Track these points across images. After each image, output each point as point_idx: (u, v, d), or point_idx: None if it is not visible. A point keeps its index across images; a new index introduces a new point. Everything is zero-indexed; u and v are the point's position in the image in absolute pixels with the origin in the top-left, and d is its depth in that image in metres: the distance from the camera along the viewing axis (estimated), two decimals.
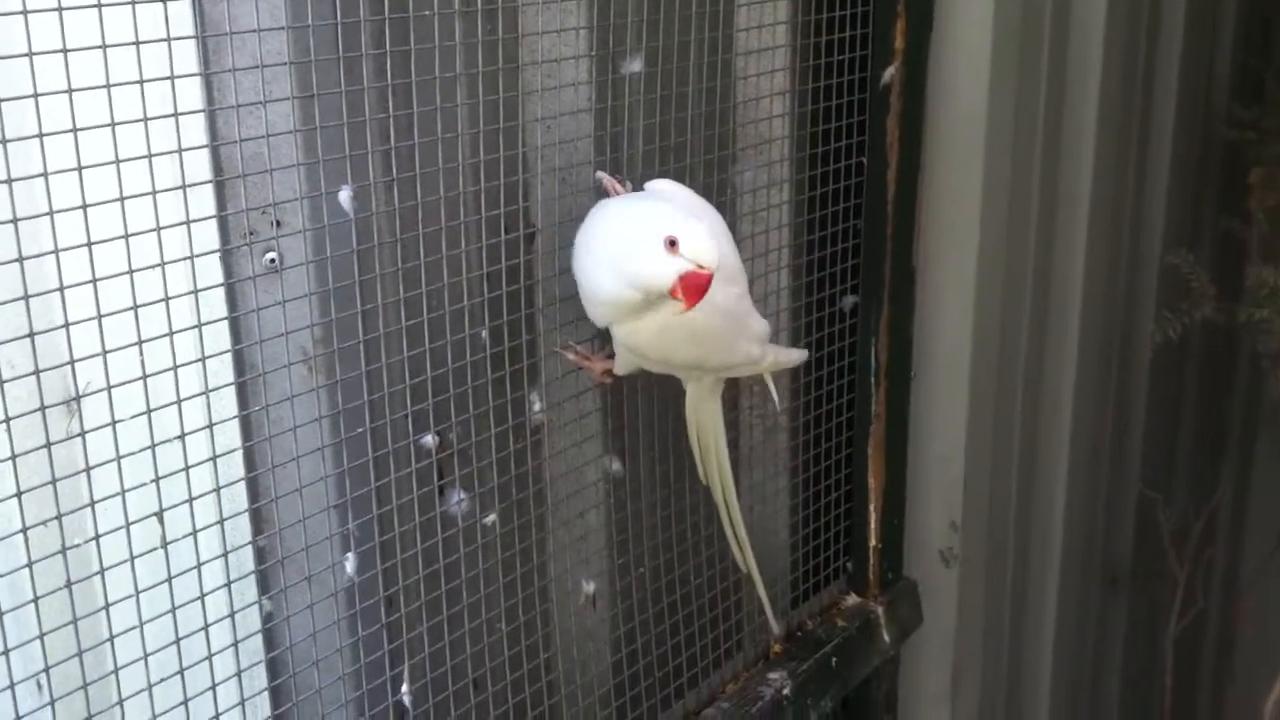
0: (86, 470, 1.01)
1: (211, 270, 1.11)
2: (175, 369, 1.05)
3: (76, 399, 1.01)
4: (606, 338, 1.44)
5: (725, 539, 1.64)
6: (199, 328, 1.08)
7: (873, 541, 1.96)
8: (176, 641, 1.09)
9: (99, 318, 0.99)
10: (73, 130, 0.96)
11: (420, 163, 1.23)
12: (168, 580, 1.07)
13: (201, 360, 1.08)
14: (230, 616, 1.15)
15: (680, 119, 1.52)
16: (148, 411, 1.04)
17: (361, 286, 1.20)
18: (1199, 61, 2.76)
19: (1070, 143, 2.31)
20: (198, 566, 1.10)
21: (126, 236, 1.00)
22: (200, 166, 1.09)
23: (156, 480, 1.05)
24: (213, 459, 1.11)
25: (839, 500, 1.94)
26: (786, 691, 1.73)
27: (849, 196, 1.82)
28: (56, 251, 0.97)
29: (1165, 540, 2.91)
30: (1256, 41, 2.94)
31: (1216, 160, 2.91)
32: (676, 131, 1.52)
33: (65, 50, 0.95)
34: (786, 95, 1.70)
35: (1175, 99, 2.66)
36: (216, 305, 1.12)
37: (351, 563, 1.24)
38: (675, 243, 1.21)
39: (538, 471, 1.45)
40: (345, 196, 1.18)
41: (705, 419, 1.54)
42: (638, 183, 1.45)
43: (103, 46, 0.97)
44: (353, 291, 1.20)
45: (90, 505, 1.01)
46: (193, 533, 1.09)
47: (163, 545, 1.07)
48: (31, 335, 0.96)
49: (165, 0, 1.01)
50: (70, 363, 0.99)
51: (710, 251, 1.22)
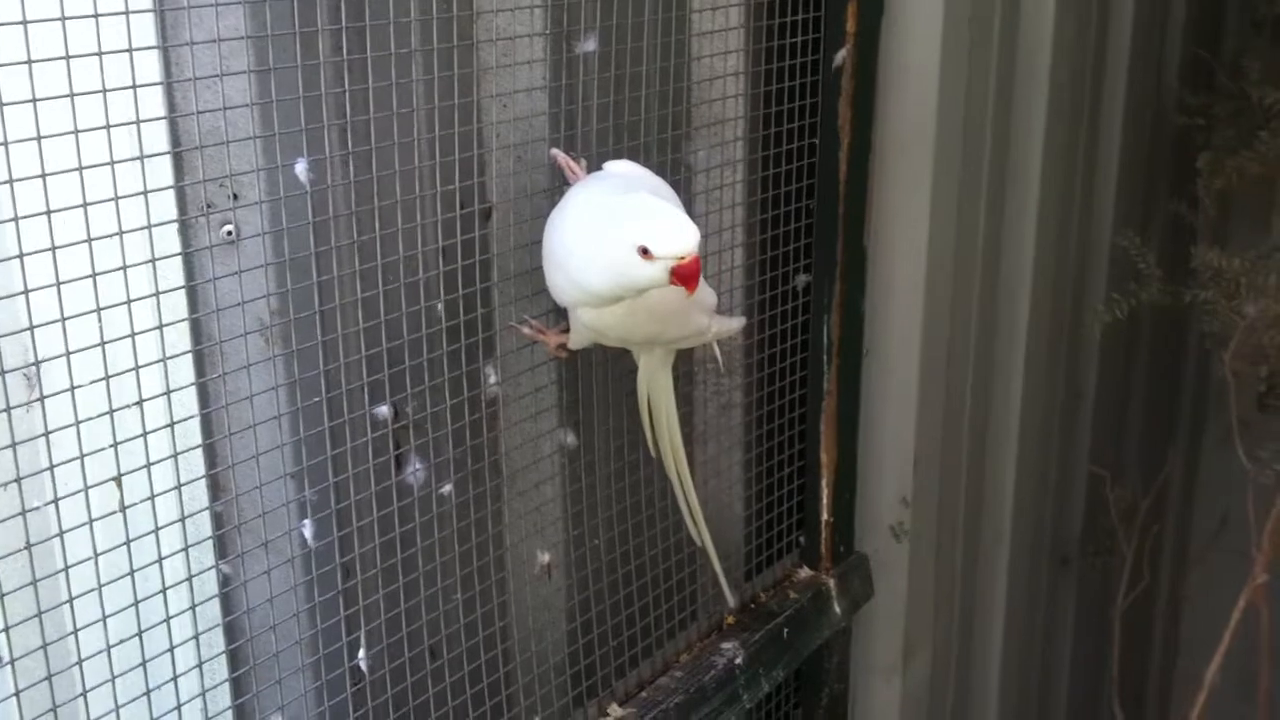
0: (46, 435, 1.03)
1: (169, 240, 1.13)
2: (133, 337, 1.07)
3: (35, 364, 1.02)
4: (561, 313, 1.47)
5: (680, 512, 1.67)
6: (156, 296, 1.10)
7: (825, 516, 2.00)
8: (135, 604, 1.11)
9: (58, 285, 1.01)
10: (32, 101, 0.98)
11: (376, 137, 1.25)
12: (126, 544, 1.10)
13: (159, 329, 1.11)
14: (188, 580, 1.17)
15: (635, 98, 1.55)
16: (106, 378, 1.05)
17: (318, 258, 1.23)
18: (1149, 48, 2.81)
19: (1021, 126, 2.35)
20: (156, 531, 1.12)
21: (85, 206, 1.02)
22: (158, 138, 1.11)
23: (115, 445, 1.07)
24: (170, 425, 1.13)
25: (792, 475, 1.98)
26: (739, 661, 1.76)
27: (802, 177, 1.85)
28: (16, 220, 0.99)
29: (1114, 517, 2.97)
30: (1206, 30, 2.99)
31: (1166, 145, 2.96)
32: (631, 110, 1.55)
33: (25, 22, 0.96)
34: (740, 76, 1.73)
35: (1125, 85, 2.70)
36: (174, 275, 1.14)
37: (309, 529, 1.26)
38: (647, 251, 1.23)
39: (493, 443, 1.48)
40: (301, 169, 1.20)
41: (657, 391, 1.57)
42: (593, 160, 1.47)
43: (62, 19, 0.99)
44: (309, 263, 1.22)
45: (50, 469, 1.03)
46: (151, 497, 1.11)
47: (121, 509, 1.09)
48: None
49: None
50: (30, 329, 1.01)
51: (680, 241, 1.23)
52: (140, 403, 1.08)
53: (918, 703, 2.37)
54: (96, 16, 1.01)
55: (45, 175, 0.99)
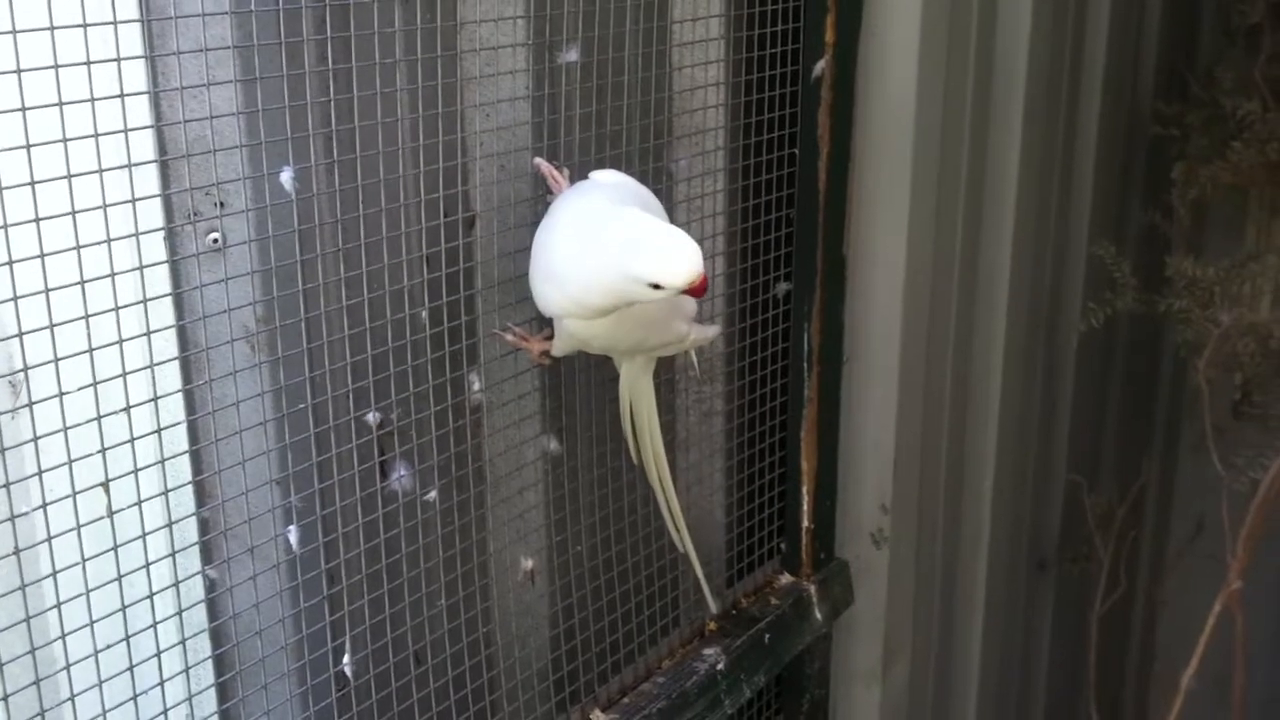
0: (34, 440, 1.04)
1: (156, 248, 1.14)
2: (121, 343, 1.08)
3: (24, 370, 1.03)
4: (544, 320, 1.48)
5: (662, 518, 1.69)
6: (144, 303, 1.11)
7: (806, 523, 2.01)
8: (122, 609, 1.11)
9: (46, 292, 1.02)
10: (21, 109, 0.98)
11: (361, 146, 1.26)
12: (113, 549, 1.10)
13: (146, 335, 1.11)
14: (174, 586, 1.18)
15: (616, 107, 1.57)
16: (94, 384, 1.06)
17: (303, 266, 1.24)
18: (1124, 58, 2.84)
19: (998, 136, 2.38)
20: (143, 536, 1.12)
21: (73, 214, 1.03)
22: (145, 147, 1.12)
23: (103, 451, 1.08)
24: (157, 432, 1.14)
25: (773, 483, 1.99)
26: (721, 667, 1.78)
27: (782, 186, 1.87)
28: (5, 227, 0.99)
29: (1091, 523, 2.99)
30: (1180, 41, 3.02)
31: (1141, 155, 2.99)
32: (613, 119, 1.56)
33: (14, 31, 0.97)
34: (721, 86, 1.74)
35: (1101, 95, 2.73)
36: (161, 282, 1.15)
37: (294, 535, 1.27)
38: (659, 285, 1.24)
39: (477, 450, 1.49)
40: (287, 178, 1.21)
41: (639, 398, 1.58)
42: (576, 169, 1.49)
43: (50, 29, 1.00)
44: (294, 270, 1.23)
45: (38, 475, 1.04)
46: (138, 503, 1.11)
47: (109, 515, 1.10)
48: None
49: None
50: (19, 335, 1.02)
51: (688, 272, 1.24)
52: (128, 409, 1.09)
53: (898, 708, 2.39)
54: (85, 26, 1.02)
55: (34, 183, 1.00)
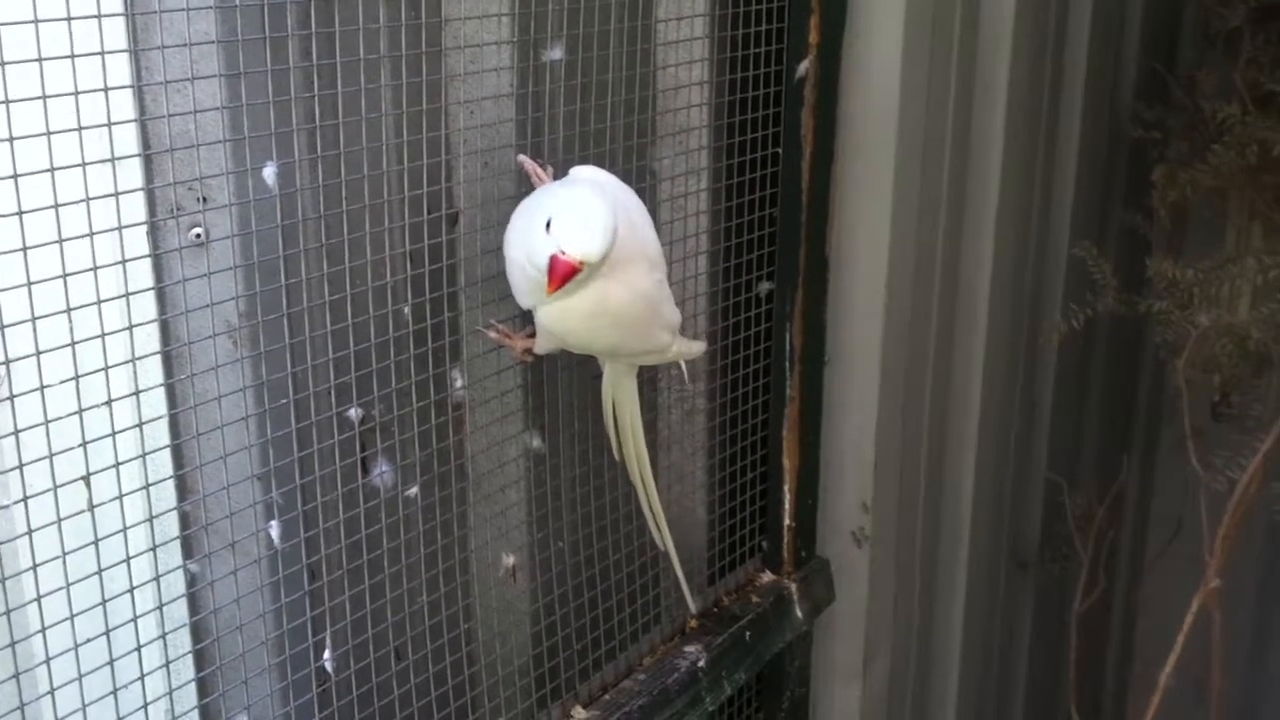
0: (15, 433, 1.04)
1: (138, 242, 1.14)
2: (103, 337, 1.08)
3: (5, 363, 1.03)
4: (527, 317, 1.48)
5: (644, 517, 1.69)
6: (126, 298, 1.11)
7: (787, 521, 2.02)
8: (103, 604, 1.11)
9: (28, 285, 1.02)
10: (4, 102, 0.98)
11: (344, 142, 1.27)
12: (94, 543, 1.10)
13: (129, 330, 1.11)
14: (155, 580, 1.18)
15: (600, 106, 1.57)
16: (75, 378, 1.06)
17: (286, 261, 1.24)
18: (1106, 62, 2.86)
19: (980, 137, 2.39)
20: (124, 530, 1.12)
21: (56, 207, 1.03)
22: (129, 141, 1.12)
23: (84, 445, 1.08)
24: (139, 426, 1.14)
25: (755, 481, 2.00)
26: (702, 664, 1.78)
27: (765, 185, 1.88)
28: None
29: (1071, 523, 3.01)
30: (1161, 44, 3.04)
31: (1122, 158, 3.01)
32: (597, 118, 1.57)
33: None
34: (705, 85, 1.75)
35: (1082, 98, 2.75)
36: (143, 277, 1.15)
37: (275, 531, 1.27)
38: (549, 224, 1.25)
39: (459, 446, 1.49)
40: (270, 173, 1.21)
41: (622, 397, 1.59)
42: (559, 167, 1.49)
43: (34, 21, 1.00)
44: (277, 266, 1.23)
45: (19, 468, 1.04)
46: (119, 497, 1.11)
47: (89, 509, 1.10)
48: None
49: None
50: (0, 328, 1.02)
51: (574, 242, 1.24)
52: (109, 403, 1.09)
53: (878, 706, 2.40)
54: (69, 20, 1.02)
55: (16, 176, 1.00)
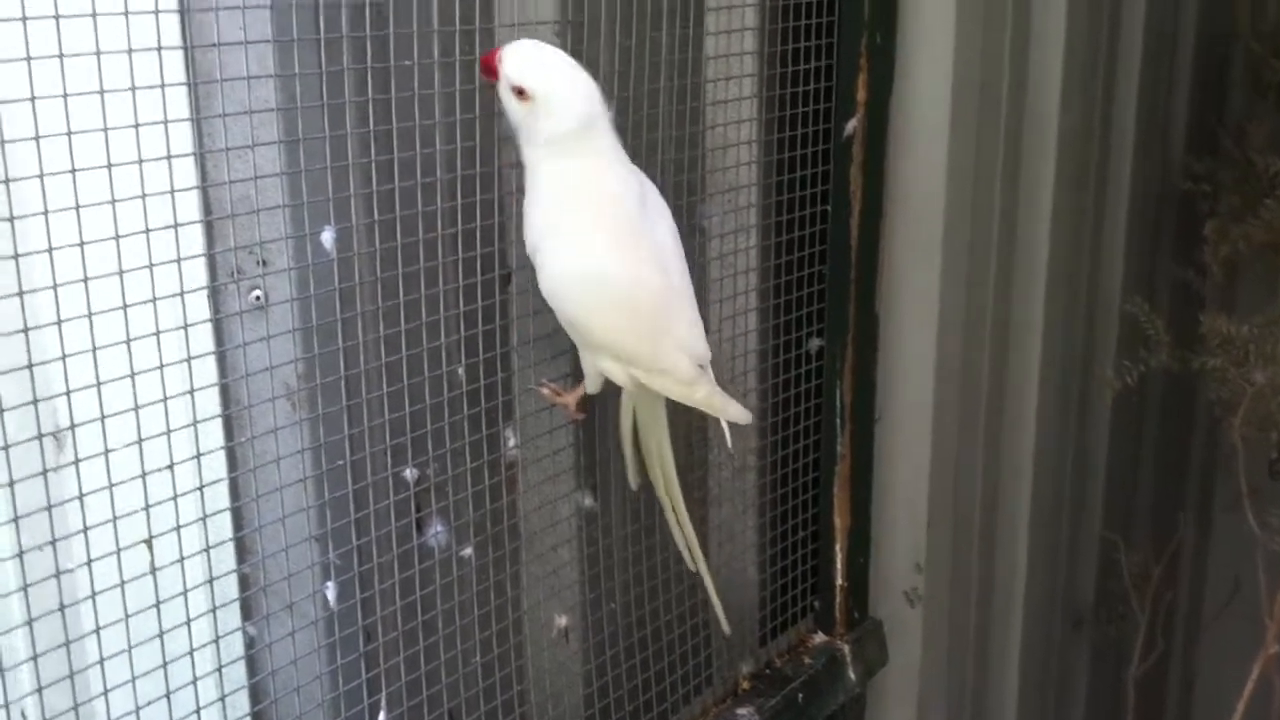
0: (80, 497, 1.05)
1: (199, 307, 1.16)
2: (165, 401, 1.09)
3: (70, 428, 1.04)
4: (578, 375, 1.48)
5: (696, 576, 1.68)
6: (188, 361, 1.12)
7: (839, 581, 2.00)
8: (164, 666, 1.12)
9: (93, 350, 1.03)
10: (71, 171, 1.01)
11: (400, 206, 1.28)
12: (155, 606, 1.11)
13: (190, 393, 1.13)
14: (214, 642, 1.18)
15: (650, 164, 1.58)
16: (139, 441, 1.08)
17: (343, 324, 1.25)
18: (1155, 115, 2.85)
19: (1029, 193, 2.38)
20: (184, 593, 1.13)
21: (120, 273, 1.04)
22: (190, 207, 1.14)
23: (146, 509, 1.09)
24: (200, 489, 1.15)
25: (807, 540, 1.99)
26: None
27: (814, 242, 1.88)
28: (55, 287, 1.01)
29: (1127, 583, 2.96)
30: (1211, 97, 3.03)
31: (1173, 211, 2.99)
32: (648, 176, 1.57)
33: (65, 95, 1.00)
34: (753, 144, 1.76)
35: (1132, 151, 2.74)
36: (204, 340, 1.16)
37: (332, 592, 1.27)
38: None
39: (512, 506, 1.49)
40: (328, 237, 1.22)
41: (645, 419, 1.52)
42: None
43: (100, 92, 1.02)
44: (334, 329, 1.24)
45: (84, 531, 1.05)
46: (180, 560, 1.12)
47: (151, 572, 1.11)
48: (30, 367, 1.01)
49: (160, 50, 1.06)
50: (66, 394, 1.03)
51: (513, 54, 1.26)
52: (171, 466, 1.10)
53: None
54: (133, 90, 1.04)
55: (82, 244, 1.02)
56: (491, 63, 1.27)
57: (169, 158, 1.08)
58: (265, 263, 1.21)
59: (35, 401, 1.02)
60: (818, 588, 2.01)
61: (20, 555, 1.03)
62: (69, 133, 1.00)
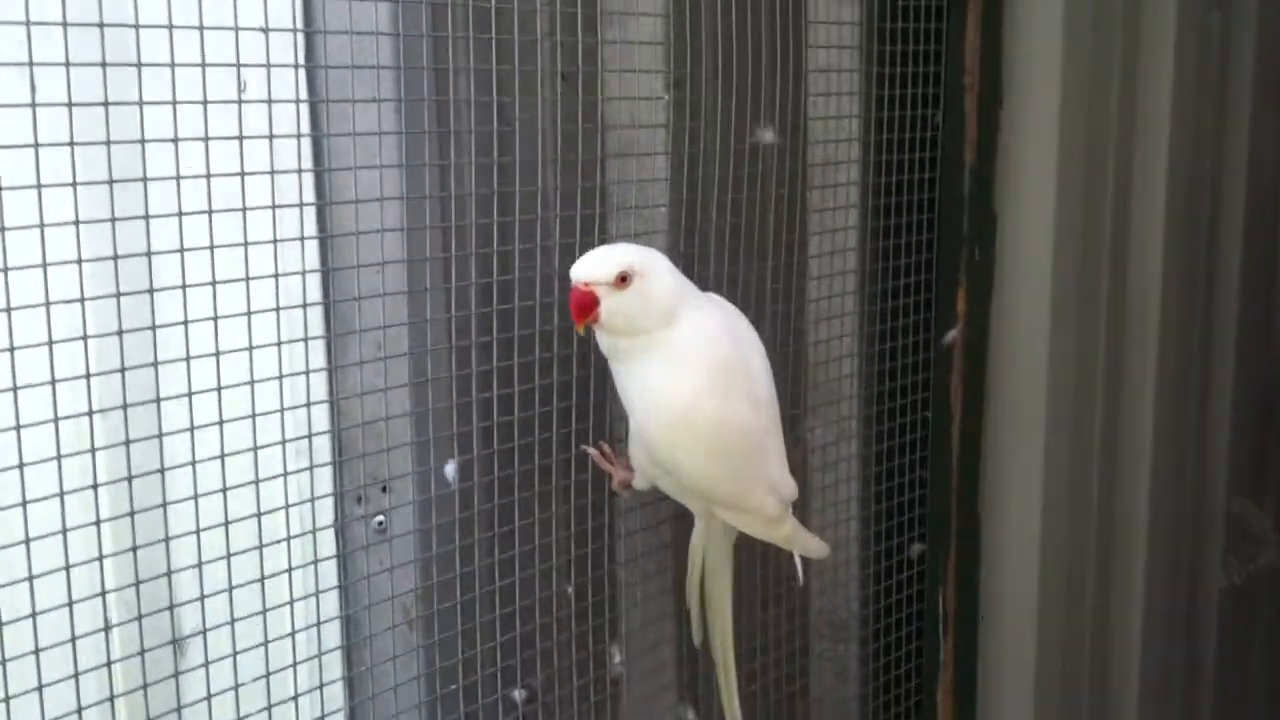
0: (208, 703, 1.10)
1: (327, 542, 1.22)
2: (293, 635, 1.15)
3: (205, 665, 1.10)
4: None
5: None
6: (316, 596, 1.18)
7: None
8: None
9: (229, 590, 1.10)
10: (219, 423, 1.08)
11: (518, 434, 1.34)
12: None
13: (317, 626, 1.18)
14: None
15: None
16: (266, 676, 1.13)
17: (461, 551, 1.30)
18: (1257, 307, 2.84)
19: (1131, 394, 2.39)
20: None
21: (259, 515, 1.11)
22: (323, 450, 1.21)
23: None
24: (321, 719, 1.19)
25: None
26: None
27: (915, 449, 1.91)
28: (198, 532, 1.08)
29: None
30: None
31: (1278, 407, 2.96)
32: None
33: (218, 353, 1.08)
34: (854, 357, 1.81)
35: (1235, 347, 2.73)
36: (329, 575, 1.22)
37: None
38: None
39: None
40: (451, 470, 1.28)
41: (714, 563, 1.47)
42: None
43: (249, 349, 1.10)
44: (453, 556, 1.29)
45: None
46: None
47: None
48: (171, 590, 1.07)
49: (305, 308, 1.15)
50: (204, 631, 1.09)
51: (581, 264, 1.22)
52: (295, 698, 1.15)
53: None
54: (280, 345, 1.12)
55: (225, 489, 1.09)
56: (585, 302, 1.20)
57: (309, 405, 1.15)
58: (387, 488, 1.26)
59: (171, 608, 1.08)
60: None
61: None
62: (219, 388, 1.08)
